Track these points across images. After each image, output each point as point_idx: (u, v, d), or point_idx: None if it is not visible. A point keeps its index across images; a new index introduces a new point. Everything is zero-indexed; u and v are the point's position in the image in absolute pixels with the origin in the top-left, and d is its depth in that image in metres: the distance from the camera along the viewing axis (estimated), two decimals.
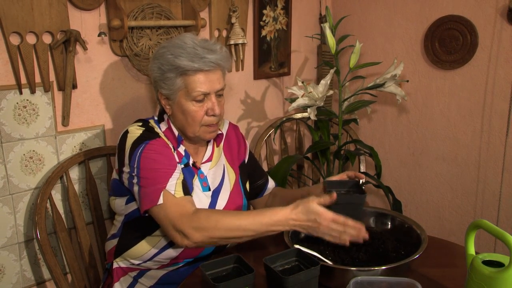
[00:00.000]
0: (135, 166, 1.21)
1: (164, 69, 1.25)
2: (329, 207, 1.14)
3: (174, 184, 1.19)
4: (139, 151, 1.22)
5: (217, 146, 1.43)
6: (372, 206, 1.28)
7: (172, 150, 1.30)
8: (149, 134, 1.27)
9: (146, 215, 1.22)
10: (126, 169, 1.25)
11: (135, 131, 1.27)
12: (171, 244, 1.28)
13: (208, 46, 1.25)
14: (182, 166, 1.31)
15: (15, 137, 1.43)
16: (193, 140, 1.35)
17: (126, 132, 1.28)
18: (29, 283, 1.53)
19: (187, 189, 1.23)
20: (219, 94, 1.30)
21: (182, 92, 1.26)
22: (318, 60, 2.40)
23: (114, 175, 1.34)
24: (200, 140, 1.35)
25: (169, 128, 1.34)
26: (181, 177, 1.24)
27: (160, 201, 1.16)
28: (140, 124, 1.31)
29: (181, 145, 1.34)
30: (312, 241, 1.20)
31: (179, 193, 1.19)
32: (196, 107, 1.26)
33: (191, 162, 1.34)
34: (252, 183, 1.51)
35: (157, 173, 1.20)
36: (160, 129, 1.33)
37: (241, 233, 1.14)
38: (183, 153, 1.33)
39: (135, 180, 1.22)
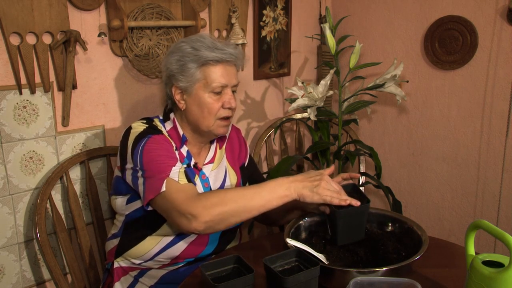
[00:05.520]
0: (138, 160, 1.22)
1: (185, 60, 1.27)
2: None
3: (177, 172, 1.19)
4: (142, 144, 1.23)
5: (220, 148, 1.44)
6: (372, 207, 1.27)
7: (174, 148, 1.30)
8: (152, 130, 1.28)
9: (149, 209, 1.22)
10: (129, 165, 1.25)
11: (138, 127, 1.28)
12: (172, 243, 1.28)
13: (224, 42, 1.32)
14: (185, 166, 1.31)
15: (15, 137, 1.43)
16: (205, 135, 1.36)
17: (129, 128, 1.29)
18: (29, 283, 1.53)
19: (189, 179, 1.23)
20: (233, 90, 1.34)
21: (200, 84, 1.28)
22: (318, 61, 2.40)
23: (117, 172, 1.34)
24: (212, 135, 1.36)
25: (174, 127, 1.34)
26: (183, 168, 1.24)
27: (163, 188, 1.15)
28: (144, 121, 1.32)
29: (184, 146, 1.34)
30: (310, 240, 1.21)
31: (183, 180, 1.19)
32: (213, 100, 1.29)
33: (192, 163, 1.34)
34: None
35: (160, 164, 1.20)
36: (164, 128, 1.34)
37: (248, 202, 1.12)
38: (185, 154, 1.34)
39: (139, 174, 1.22)
